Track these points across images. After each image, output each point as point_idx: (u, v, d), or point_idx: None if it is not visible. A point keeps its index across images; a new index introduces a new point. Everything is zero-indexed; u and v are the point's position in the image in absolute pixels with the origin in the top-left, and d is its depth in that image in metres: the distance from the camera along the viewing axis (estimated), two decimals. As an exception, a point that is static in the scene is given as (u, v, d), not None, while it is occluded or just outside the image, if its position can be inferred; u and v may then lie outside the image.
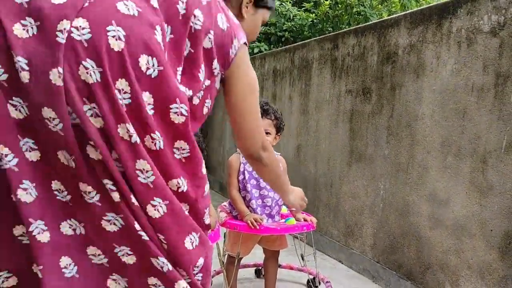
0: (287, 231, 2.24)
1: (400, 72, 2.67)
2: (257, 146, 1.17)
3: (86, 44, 0.84)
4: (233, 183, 2.28)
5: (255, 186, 2.27)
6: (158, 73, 0.89)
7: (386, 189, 2.76)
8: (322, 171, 3.49)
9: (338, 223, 3.25)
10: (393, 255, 2.68)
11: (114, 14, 0.86)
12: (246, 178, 2.26)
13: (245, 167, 2.27)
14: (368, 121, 2.96)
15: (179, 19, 0.95)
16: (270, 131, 2.25)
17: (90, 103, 0.85)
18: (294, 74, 4.02)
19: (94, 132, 0.85)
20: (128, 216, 0.89)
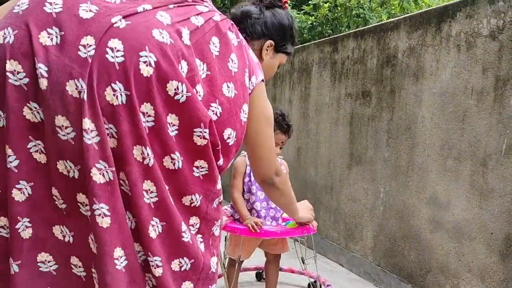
0: (287, 234, 2.23)
1: (400, 75, 2.68)
2: (271, 173, 1.26)
3: (117, 67, 0.86)
4: (237, 185, 2.30)
5: (260, 189, 2.28)
6: (186, 98, 0.92)
7: (387, 192, 2.76)
8: (322, 174, 3.49)
9: (338, 226, 3.26)
10: (393, 258, 2.69)
11: (150, 40, 0.89)
12: (252, 181, 2.30)
13: (251, 171, 2.29)
14: (368, 124, 2.97)
15: (213, 59, 0.99)
16: (284, 144, 2.39)
17: (109, 123, 0.87)
18: (294, 77, 4.02)
19: (109, 151, 0.88)
20: None
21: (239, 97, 1.04)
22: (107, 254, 0.88)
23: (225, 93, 1.01)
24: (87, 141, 0.85)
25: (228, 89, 1.01)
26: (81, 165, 0.87)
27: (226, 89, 1.01)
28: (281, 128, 2.32)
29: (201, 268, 1.01)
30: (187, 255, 0.98)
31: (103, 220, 0.87)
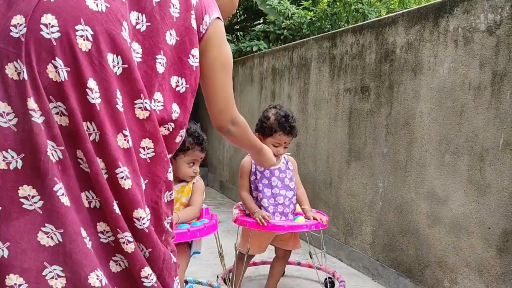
0: (294, 228, 2.25)
1: (398, 70, 2.68)
2: (227, 121, 1.20)
3: (55, 43, 0.85)
4: (244, 185, 2.35)
5: (266, 186, 2.33)
6: (122, 70, 0.91)
7: (385, 187, 2.77)
8: (321, 169, 3.50)
9: (337, 221, 3.27)
10: (392, 253, 2.70)
11: (83, 11, 0.87)
12: (258, 178, 2.33)
13: (256, 168, 2.34)
14: (366, 119, 2.97)
15: (154, 7, 0.96)
16: (288, 144, 2.39)
17: (57, 101, 0.86)
18: (293, 72, 4.02)
19: (57, 129, 0.86)
20: None
21: (183, 43, 1.00)
22: (76, 233, 0.87)
23: (168, 41, 0.98)
24: (37, 120, 0.84)
25: (171, 37, 0.98)
26: (25, 152, 0.85)
27: (168, 37, 0.98)
28: (284, 129, 2.30)
29: (162, 258, 0.98)
30: (145, 243, 0.96)
31: (66, 199, 0.87)
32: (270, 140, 2.31)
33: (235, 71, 5.48)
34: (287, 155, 2.48)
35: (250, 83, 4.99)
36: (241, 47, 7.03)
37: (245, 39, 7.43)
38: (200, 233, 1.90)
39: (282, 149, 2.34)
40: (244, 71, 5.21)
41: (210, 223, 1.99)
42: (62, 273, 0.88)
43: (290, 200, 2.36)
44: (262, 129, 2.35)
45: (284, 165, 2.40)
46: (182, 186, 2.05)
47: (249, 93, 5.00)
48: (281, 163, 2.39)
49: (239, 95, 5.32)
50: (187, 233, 1.84)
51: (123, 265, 0.95)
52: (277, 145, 2.32)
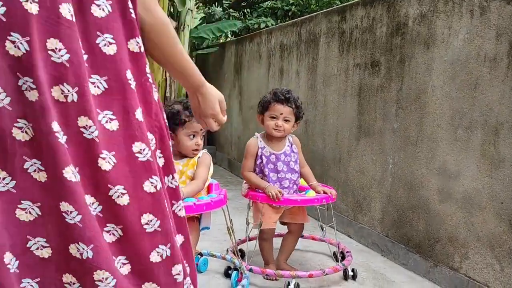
0: (307, 202, 2.28)
1: (410, 43, 2.62)
2: None
3: (4, 18, 0.82)
4: (247, 165, 2.35)
5: (272, 170, 2.34)
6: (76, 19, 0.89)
7: (395, 163, 2.73)
8: (330, 146, 3.47)
9: (346, 198, 3.25)
10: (401, 229, 2.68)
11: None
12: (264, 163, 2.33)
13: (263, 152, 2.34)
14: (376, 95, 2.92)
15: None
16: (290, 119, 2.33)
17: (23, 76, 0.84)
18: (302, 48, 3.95)
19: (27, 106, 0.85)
20: None
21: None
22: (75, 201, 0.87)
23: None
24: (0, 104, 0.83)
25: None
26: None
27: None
28: (277, 98, 2.32)
29: None
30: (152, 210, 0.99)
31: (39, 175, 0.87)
32: (268, 114, 2.34)
33: (242, 48, 5.42)
34: (291, 136, 2.45)
35: (258, 60, 4.92)
36: (249, 24, 6.94)
37: (252, 16, 7.33)
38: (207, 207, 1.87)
39: (281, 121, 2.31)
40: (251, 48, 5.14)
41: (218, 198, 1.96)
42: (47, 244, 0.89)
43: (294, 182, 2.40)
44: (261, 108, 2.39)
45: (289, 148, 2.40)
46: (188, 160, 2.04)
47: (257, 70, 4.94)
48: (286, 146, 2.39)
49: (247, 72, 5.26)
50: (193, 207, 1.81)
51: (117, 234, 0.94)
52: (274, 116, 2.32)
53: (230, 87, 5.80)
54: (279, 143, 2.39)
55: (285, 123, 2.32)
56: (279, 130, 2.32)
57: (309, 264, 2.66)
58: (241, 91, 5.43)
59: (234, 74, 5.70)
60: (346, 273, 2.39)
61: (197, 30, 6.80)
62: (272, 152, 2.35)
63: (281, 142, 2.39)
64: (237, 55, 5.61)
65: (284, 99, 2.31)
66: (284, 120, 2.32)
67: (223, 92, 6.20)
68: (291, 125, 2.36)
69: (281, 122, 2.31)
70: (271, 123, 2.33)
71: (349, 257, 2.46)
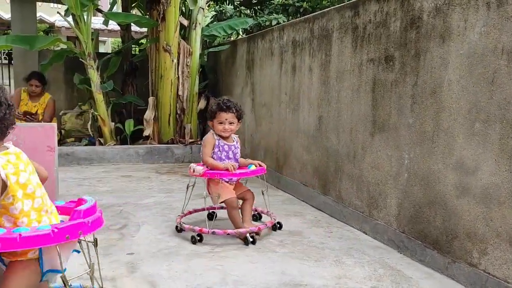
0: (252, 173, 3.02)
1: (425, 37, 2.59)
2: None
3: None
4: (206, 153, 3.03)
5: (226, 157, 3.06)
6: None
7: (411, 158, 2.71)
8: (344, 142, 3.45)
9: (361, 194, 3.23)
10: (418, 225, 2.66)
11: None
12: (220, 151, 3.05)
13: (219, 143, 3.05)
14: (391, 90, 2.90)
15: None
16: (233, 121, 3.04)
17: None
18: (314, 44, 3.94)
19: None
20: None
21: None
22: None
23: None
24: None
25: None
26: None
27: None
28: (220, 107, 3.01)
29: None
30: None
31: None
32: (216, 121, 3.03)
33: (254, 46, 5.41)
34: (236, 136, 3.17)
35: (270, 57, 4.92)
36: (260, 22, 6.93)
37: (264, 13, 7.31)
38: (38, 241, 1.34)
39: (227, 125, 3.00)
40: (263, 45, 5.13)
41: (65, 225, 1.44)
42: None
43: (237, 167, 3.04)
44: (210, 116, 3.09)
45: (236, 143, 3.13)
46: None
47: (269, 67, 4.94)
48: (234, 142, 3.12)
49: (259, 69, 5.26)
50: (16, 240, 1.31)
51: None
52: (221, 122, 3.01)
53: (243, 84, 5.81)
54: (228, 138, 3.11)
55: (230, 125, 3.03)
56: (226, 132, 3.03)
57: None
58: (253, 89, 5.43)
59: (246, 72, 5.70)
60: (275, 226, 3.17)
61: (208, 28, 6.82)
62: (226, 144, 3.06)
63: (230, 138, 3.11)
64: (249, 53, 5.61)
65: (226, 108, 3.00)
66: (229, 123, 3.02)
67: (235, 90, 6.22)
68: (235, 125, 3.07)
69: (227, 125, 3.02)
70: (219, 127, 3.03)
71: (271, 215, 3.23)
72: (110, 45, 16.70)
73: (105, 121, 6.01)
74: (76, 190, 4.26)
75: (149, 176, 5.09)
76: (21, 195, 1.46)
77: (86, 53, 5.75)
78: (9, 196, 1.43)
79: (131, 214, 3.49)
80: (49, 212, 1.57)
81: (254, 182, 3.36)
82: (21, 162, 1.52)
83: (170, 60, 6.05)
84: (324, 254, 2.73)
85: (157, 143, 6.20)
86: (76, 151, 5.72)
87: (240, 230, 2.90)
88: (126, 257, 2.60)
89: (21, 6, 7.11)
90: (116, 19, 6.17)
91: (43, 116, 5.68)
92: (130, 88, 7.12)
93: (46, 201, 1.58)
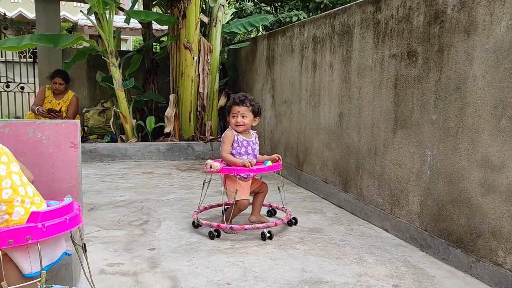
0: (269, 169, 3.06)
1: (449, 32, 2.53)
2: None
3: None
4: (226, 149, 3.03)
5: (245, 153, 3.06)
6: None
7: (434, 155, 2.66)
8: (365, 139, 3.41)
9: (383, 192, 3.19)
10: (441, 223, 2.61)
11: None
12: (240, 146, 3.05)
13: (238, 139, 3.04)
14: (414, 86, 2.85)
15: None
16: (247, 115, 3.05)
17: None
18: (335, 40, 3.90)
19: None
20: None
21: None
22: None
23: None
24: None
25: None
26: None
27: None
28: (234, 101, 3.05)
29: None
30: None
31: None
32: (230, 115, 3.06)
33: (274, 42, 5.39)
34: (254, 132, 3.19)
35: (291, 54, 4.89)
36: (280, 18, 6.90)
37: (284, 9, 7.28)
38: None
39: (239, 118, 3.02)
40: (284, 42, 5.11)
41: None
42: None
43: (255, 163, 3.08)
44: (227, 112, 3.13)
45: (254, 139, 3.15)
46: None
47: (289, 64, 4.91)
48: (253, 138, 3.14)
49: (279, 66, 5.24)
50: None
51: None
52: (234, 115, 3.04)
53: (263, 81, 5.80)
54: (247, 134, 3.12)
55: (243, 118, 3.03)
56: (239, 125, 3.03)
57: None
58: (273, 85, 5.41)
59: (266, 68, 5.69)
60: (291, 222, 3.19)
61: (228, 25, 6.82)
62: (245, 139, 3.07)
63: (249, 134, 3.13)
64: (269, 49, 5.60)
65: (239, 101, 3.04)
66: (242, 117, 3.02)
67: (256, 87, 6.21)
68: (250, 119, 3.06)
69: (239, 118, 3.02)
70: (232, 120, 3.05)
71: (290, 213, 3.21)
72: (132, 43, 16.89)
73: (127, 118, 6.09)
74: (98, 187, 4.33)
75: (170, 173, 5.13)
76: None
77: (108, 51, 5.83)
78: None
79: (153, 210, 3.53)
80: (27, 202, 1.50)
81: (273, 179, 3.35)
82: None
83: (191, 57, 6.08)
84: (345, 251, 2.71)
85: (178, 140, 6.25)
86: (99, 148, 5.81)
87: (259, 225, 2.94)
88: (147, 252, 2.64)
89: (46, 6, 7.26)
90: (138, 17, 6.24)
91: (66, 113, 5.79)
92: (151, 85, 7.20)
93: (22, 191, 1.51)
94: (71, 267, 1.97)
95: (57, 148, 2.16)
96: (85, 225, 2.99)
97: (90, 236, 2.89)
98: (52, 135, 2.15)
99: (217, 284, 2.22)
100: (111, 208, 3.58)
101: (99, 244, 2.75)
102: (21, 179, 1.54)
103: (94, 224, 3.15)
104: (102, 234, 2.94)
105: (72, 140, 2.21)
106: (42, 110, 5.60)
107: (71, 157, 2.21)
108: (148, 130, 6.34)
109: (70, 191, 2.20)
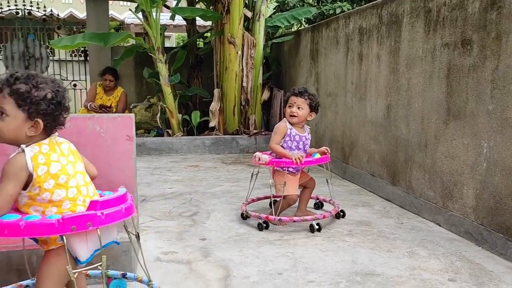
0: (318, 161, 3.03)
1: (508, 18, 2.43)
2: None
3: None
4: (275, 140, 3.00)
5: (296, 147, 3.02)
6: None
7: (491, 147, 2.57)
8: (415, 131, 3.33)
9: (434, 185, 3.11)
10: (499, 217, 2.52)
11: None
12: (291, 140, 3.00)
13: (291, 132, 3.00)
14: (468, 76, 2.75)
15: None
16: (303, 107, 2.99)
17: None
18: (382, 31, 3.82)
19: None
20: None
21: None
22: None
23: None
24: None
25: None
26: None
27: None
28: (292, 92, 3.04)
29: None
30: None
31: None
32: (288, 105, 3.02)
33: (318, 35, 5.35)
34: (308, 128, 3.13)
35: (335, 46, 4.84)
36: (324, 10, 6.83)
37: (327, 1, 7.19)
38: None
39: (294, 108, 2.97)
40: (328, 34, 5.06)
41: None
42: None
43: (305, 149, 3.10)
44: (284, 103, 3.10)
45: (307, 134, 3.10)
46: None
47: (334, 56, 4.86)
48: (306, 133, 3.07)
49: (323, 59, 5.19)
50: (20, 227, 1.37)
51: None
52: (290, 105, 3.01)
53: (307, 74, 5.77)
54: (301, 128, 3.06)
55: (298, 110, 2.97)
56: (293, 116, 2.97)
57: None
58: (317, 78, 5.37)
59: (310, 62, 5.65)
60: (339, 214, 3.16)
61: (271, 19, 6.82)
62: (298, 134, 3.02)
63: (302, 128, 3.07)
64: (313, 42, 5.56)
65: (297, 93, 2.99)
66: (297, 108, 2.97)
67: (299, 80, 6.19)
68: (305, 112, 2.99)
69: (295, 109, 2.97)
70: (288, 111, 3.01)
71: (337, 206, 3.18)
72: (175, 40, 17.22)
73: (173, 113, 6.23)
74: (148, 179, 4.47)
75: (215, 166, 5.22)
76: (51, 185, 1.48)
77: (155, 48, 5.97)
78: (35, 187, 1.46)
79: (201, 202, 3.61)
80: (88, 202, 1.54)
81: (319, 172, 3.34)
82: (53, 153, 1.52)
83: (235, 52, 6.14)
84: (396, 244, 2.67)
85: (223, 134, 6.33)
86: (147, 142, 5.98)
87: (307, 217, 2.95)
88: (199, 242, 2.70)
89: (95, 5, 7.52)
90: (183, 13, 6.35)
91: (116, 109, 6.00)
92: (195, 80, 7.32)
93: (84, 191, 1.57)
94: (130, 254, 2.05)
95: (114, 141, 2.25)
96: (139, 216, 3.10)
97: (144, 226, 2.99)
98: (109, 129, 2.24)
99: (269, 273, 2.25)
100: (162, 200, 3.69)
101: (153, 234, 2.85)
102: (84, 178, 1.61)
103: (147, 214, 3.26)
104: (155, 224, 3.04)
105: (128, 133, 2.30)
106: (94, 106, 5.82)
107: (127, 149, 2.30)
108: (193, 124, 6.46)
109: (126, 182, 2.29)
